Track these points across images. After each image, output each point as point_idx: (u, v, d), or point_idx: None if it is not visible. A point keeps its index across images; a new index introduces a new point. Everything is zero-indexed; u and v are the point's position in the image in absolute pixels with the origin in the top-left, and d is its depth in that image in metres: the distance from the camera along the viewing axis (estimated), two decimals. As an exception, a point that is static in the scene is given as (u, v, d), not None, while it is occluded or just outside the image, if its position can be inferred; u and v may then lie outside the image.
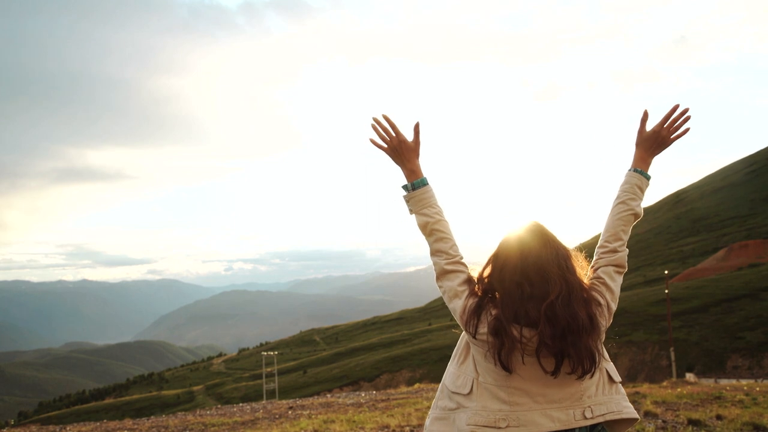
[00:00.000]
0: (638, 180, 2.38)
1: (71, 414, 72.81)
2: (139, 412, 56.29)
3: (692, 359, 41.36)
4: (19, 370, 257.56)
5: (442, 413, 2.21)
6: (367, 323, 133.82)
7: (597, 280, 2.24)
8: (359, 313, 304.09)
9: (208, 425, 10.16)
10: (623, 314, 52.83)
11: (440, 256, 2.30)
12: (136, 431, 9.97)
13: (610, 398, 2.15)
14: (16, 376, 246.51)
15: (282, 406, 13.27)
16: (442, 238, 2.31)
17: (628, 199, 2.35)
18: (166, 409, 61.76)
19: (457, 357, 2.25)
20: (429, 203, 2.35)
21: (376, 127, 2.40)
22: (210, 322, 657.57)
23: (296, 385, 69.64)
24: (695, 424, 6.37)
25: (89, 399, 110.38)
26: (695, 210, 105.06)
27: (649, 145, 2.41)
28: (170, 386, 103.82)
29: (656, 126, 2.40)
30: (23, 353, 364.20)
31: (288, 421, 9.85)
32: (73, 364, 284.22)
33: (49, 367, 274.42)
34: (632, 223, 2.36)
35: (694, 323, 47.50)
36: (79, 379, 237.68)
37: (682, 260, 79.97)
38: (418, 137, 2.39)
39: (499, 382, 2.09)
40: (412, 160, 2.39)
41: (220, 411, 14.08)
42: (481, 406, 2.09)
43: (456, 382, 2.19)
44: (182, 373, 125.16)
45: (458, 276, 2.26)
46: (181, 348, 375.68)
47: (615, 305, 2.22)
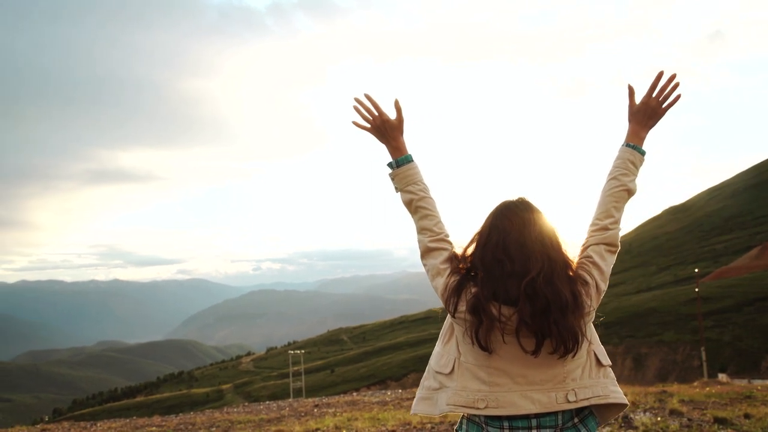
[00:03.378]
0: (631, 155, 2.27)
1: (104, 411, 74.01)
2: (170, 410, 57.05)
3: (725, 360, 40.61)
4: (53, 368, 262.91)
5: (426, 393, 2.14)
6: (395, 322, 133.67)
7: (586, 259, 2.11)
8: (387, 313, 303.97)
9: (235, 422, 10.28)
10: (653, 314, 52.14)
11: (425, 234, 2.23)
12: (164, 428, 10.12)
13: (597, 382, 2.02)
14: (51, 374, 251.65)
15: (308, 404, 13.37)
16: (426, 215, 2.25)
17: (621, 174, 2.24)
18: (195, 407, 62.47)
19: (443, 336, 2.17)
20: (414, 180, 2.29)
21: (359, 108, 2.35)
22: (239, 321, 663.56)
23: (324, 384, 70.00)
24: (721, 423, 6.25)
25: (121, 397, 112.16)
26: (728, 207, 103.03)
27: (641, 118, 2.30)
28: (200, 385, 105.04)
29: (644, 97, 2.29)
30: (57, 351, 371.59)
31: (313, 418, 9.92)
32: (106, 362, 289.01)
33: (82, 365, 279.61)
34: (626, 200, 2.23)
35: (727, 323, 46.62)
36: (112, 377, 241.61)
37: (714, 259, 78.56)
38: (400, 114, 2.33)
39: (480, 361, 2.00)
40: (396, 138, 2.33)
41: (247, 409, 14.24)
42: (461, 386, 2.02)
43: (440, 362, 2.12)
44: (211, 372, 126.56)
45: (441, 254, 2.18)
46: (210, 347, 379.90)
47: (605, 285, 2.09)
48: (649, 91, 2.29)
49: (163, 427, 10.23)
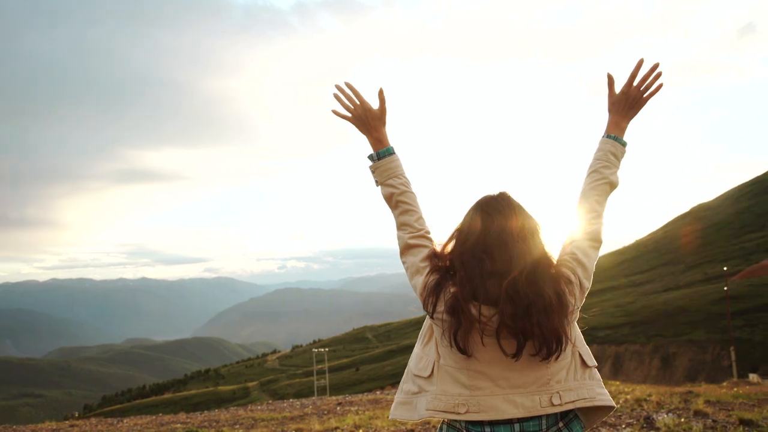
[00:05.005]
0: (612, 147, 2.18)
1: (132, 408, 75.11)
2: (197, 407, 57.69)
3: (756, 360, 39.80)
4: (83, 364, 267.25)
5: (405, 397, 2.04)
6: (420, 321, 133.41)
7: (569, 256, 2.01)
8: (412, 311, 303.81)
9: (258, 420, 10.37)
10: (682, 312, 51.33)
11: (404, 230, 2.15)
12: (189, 425, 10.24)
13: (582, 384, 1.93)
14: (82, 370, 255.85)
15: (331, 402, 13.42)
16: (407, 210, 2.16)
17: (602, 167, 2.15)
18: (222, 404, 63.04)
19: (422, 338, 2.07)
20: (395, 173, 2.20)
21: (339, 96, 2.26)
22: (264, 319, 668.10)
23: (348, 382, 70.22)
24: (747, 424, 6.11)
25: (149, 393, 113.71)
26: (759, 204, 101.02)
27: (621, 107, 2.21)
28: (226, 382, 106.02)
29: (624, 86, 2.19)
30: (88, 348, 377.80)
31: (335, 416, 9.96)
32: (134, 359, 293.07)
33: (111, 362, 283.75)
34: (608, 194, 2.14)
35: (758, 322, 45.67)
36: (140, 374, 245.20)
37: (745, 257, 77.04)
38: (384, 104, 2.24)
39: (459, 364, 1.91)
40: (378, 129, 2.24)
41: (271, 406, 14.34)
42: (441, 390, 1.92)
43: (419, 365, 2.02)
44: (237, 369, 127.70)
45: (421, 251, 2.09)
46: (236, 344, 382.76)
47: (589, 283, 1.99)
48: (629, 80, 2.20)
49: (188, 425, 10.36)
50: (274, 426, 9.33)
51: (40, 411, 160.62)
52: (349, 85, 2.26)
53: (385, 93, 2.25)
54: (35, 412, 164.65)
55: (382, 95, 2.24)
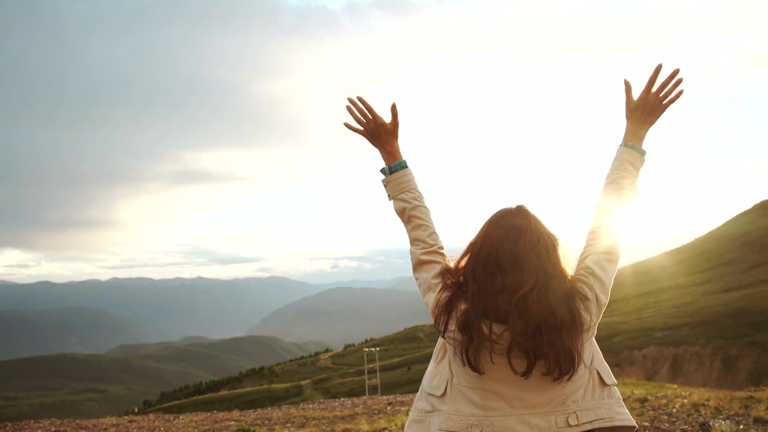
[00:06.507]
0: (630, 156, 2.11)
1: (189, 404, 76.93)
2: (251, 405, 58.65)
3: (824, 363, 38.22)
4: (143, 361, 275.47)
5: (419, 416, 2.01)
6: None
7: (585, 270, 1.96)
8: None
9: (309, 419, 10.50)
10: (744, 313, 49.56)
11: (417, 245, 2.13)
12: (242, 423, 10.45)
13: (600, 403, 1.88)
14: (141, 367, 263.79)
15: (382, 402, 13.46)
16: (419, 225, 2.14)
17: (619, 177, 2.08)
18: (276, 402, 64.01)
19: (436, 355, 2.06)
20: (407, 187, 2.19)
21: (352, 110, 2.25)
22: (317, 318, 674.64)
23: (400, 382, 70.25)
24: (810, 433, 5.90)
25: (205, 390, 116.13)
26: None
27: (639, 115, 2.13)
28: (280, 380, 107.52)
29: (642, 92, 2.12)
30: (147, 346, 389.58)
31: (385, 416, 10.00)
32: (191, 356, 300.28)
33: (169, 359, 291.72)
34: (625, 205, 2.07)
35: (826, 324, 43.87)
36: (196, 371, 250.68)
37: (813, 256, 73.94)
38: (396, 119, 2.22)
39: (473, 384, 1.88)
40: (390, 143, 2.23)
41: (322, 405, 14.47)
42: (454, 410, 1.89)
43: (432, 383, 2.00)
44: (291, 368, 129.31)
45: (434, 267, 2.07)
46: (289, 343, 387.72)
47: (606, 298, 1.93)
48: (647, 86, 2.14)
49: (241, 422, 10.57)
50: (325, 425, 9.43)
51: (103, 405, 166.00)
52: (362, 99, 2.26)
53: (398, 107, 2.23)
54: (98, 406, 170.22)
55: (395, 110, 2.22)
